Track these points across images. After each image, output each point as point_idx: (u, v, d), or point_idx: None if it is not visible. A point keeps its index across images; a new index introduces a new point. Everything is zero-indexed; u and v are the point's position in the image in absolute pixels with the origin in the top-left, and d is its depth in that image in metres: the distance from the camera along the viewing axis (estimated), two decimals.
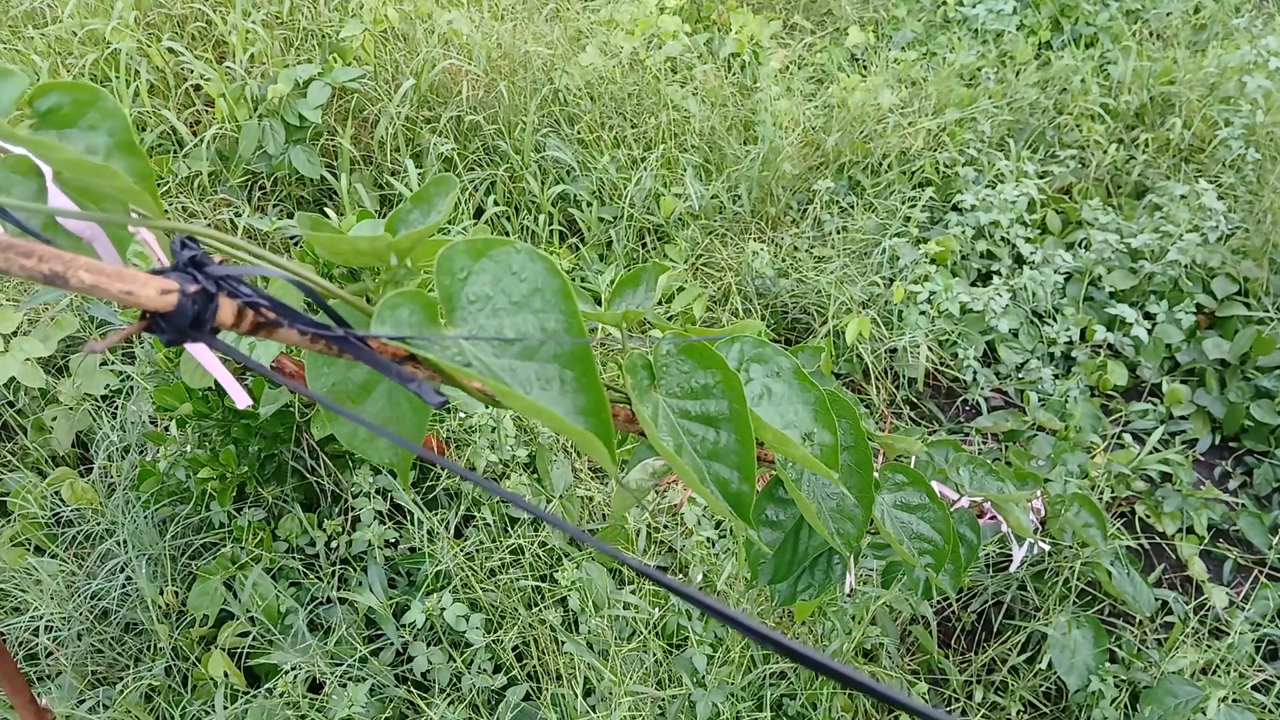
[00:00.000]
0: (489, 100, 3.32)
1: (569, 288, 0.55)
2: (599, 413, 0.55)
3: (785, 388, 0.80)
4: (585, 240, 3.15)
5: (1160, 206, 3.14)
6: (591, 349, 0.55)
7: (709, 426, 0.74)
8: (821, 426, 0.80)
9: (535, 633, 1.95)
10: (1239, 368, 2.76)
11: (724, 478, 0.73)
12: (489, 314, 0.56)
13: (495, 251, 0.56)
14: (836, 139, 3.23)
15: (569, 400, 0.55)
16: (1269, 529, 2.49)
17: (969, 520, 1.41)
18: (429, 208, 0.65)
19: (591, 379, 0.55)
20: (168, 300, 0.45)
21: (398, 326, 0.52)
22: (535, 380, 0.55)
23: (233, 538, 2.09)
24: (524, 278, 0.56)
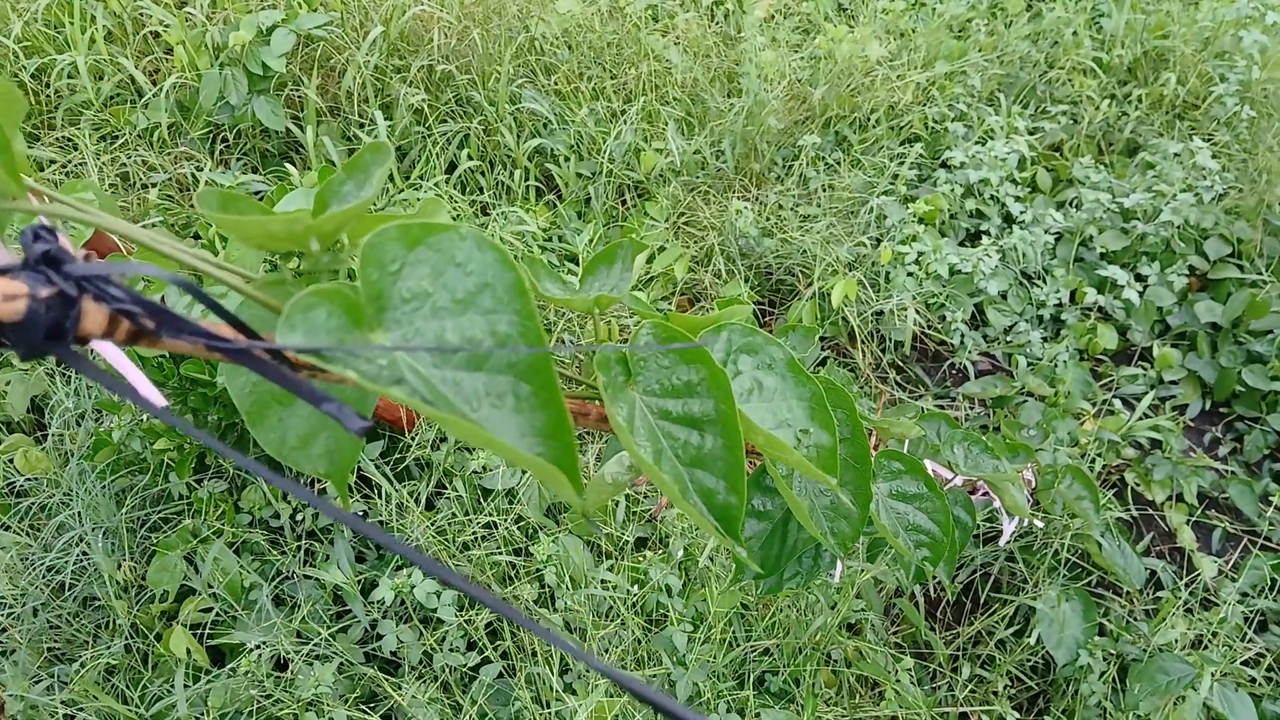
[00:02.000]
0: (462, 49, 3.18)
1: (524, 282, 0.46)
2: (560, 434, 0.46)
3: (778, 381, 0.72)
4: (563, 197, 3.04)
5: (1153, 165, 3.05)
6: (551, 358, 0.46)
7: (692, 429, 0.65)
8: (818, 425, 0.71)
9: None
10: (1231, 331, 2.69)
11: (709, 488, 0.64)
12: (428, 315, 0.46)
13: (435, 238, 0.47)
14: (823, 92, 3.12)
15: (524, 420, 0.46)
16: (1259, 497, 2.44)
17: (963, 501, 1.34)
18: (364, 178, 0.55)
19: (551, 394, 0.46)
20: (14, 308, 0.36)
21: (312, 333, 0.43)
22: (484, 395, 0.46)
23: (193, 510, 2.00)
24: (470, 270, 0.47)
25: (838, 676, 1.99)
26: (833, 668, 1.99)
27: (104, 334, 0.40)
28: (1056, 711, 2.01)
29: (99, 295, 0.39)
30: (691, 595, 1.91)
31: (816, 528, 0.87)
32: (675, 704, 0.34)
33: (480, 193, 3.01)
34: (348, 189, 0.56)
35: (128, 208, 2.70)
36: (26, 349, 0.37)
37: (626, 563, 1.96)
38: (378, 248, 0.46)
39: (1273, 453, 2.53)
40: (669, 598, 1.87)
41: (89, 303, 0.39)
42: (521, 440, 0.46)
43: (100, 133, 2.83)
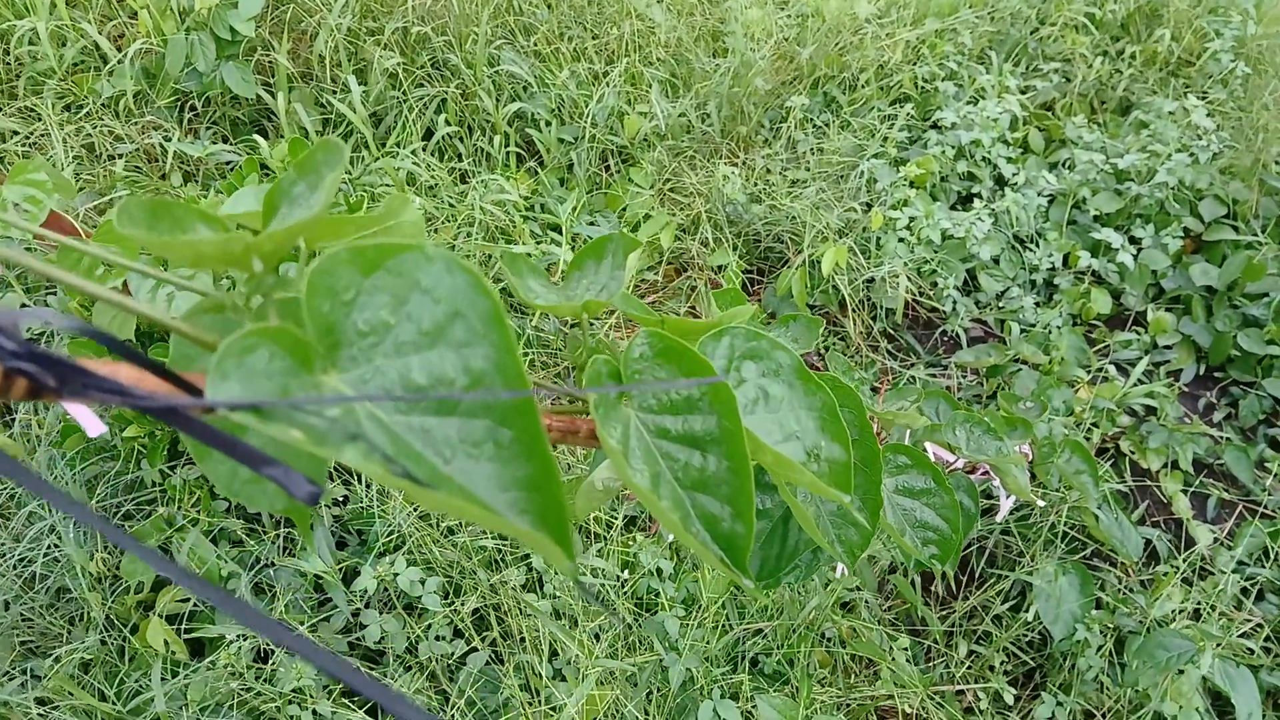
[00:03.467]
0: (438, 9, 3.08)
1: (501, 310, 0.39)
2: (547, 486, 0.39)
3: (785, 390, 0.65)
4: (545, 164, 2.96)
5: (1146, 124, 2.99)
6: (535, 400, 0.39)
7: (694, 449, 0.59)
8: (830, 438, 0.65)
9: (497, 598, 1.83)
10: (1226, 295, 2.64)
11: (713, 514, 0.58)
12: (389, 351, 0.40)
13: (396, 260, 0.40)
14: (811, 52, 3.03)
15: (506, 472, 0.40)
16: (1255, 463, 2.40)
17: (967, 487, 1.29)
18: (316, 179, 0.49)
19: (536, 440, 0.40)
20: None
21: (250, 381, 0.36)
22: (459, 444, 0.40)
23: (167, 498, 1.94)
24: (439, 297, 0.40)
25: (832, 656, 1.95)
26: (827, 647, 1.95)
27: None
28: (1053, 686, 1.97)
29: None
30: (683, 578, 1.86)
31: (823, 536, 0.81)
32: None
33: (459, 160, 2.92)
34: (299, 190, 0.49)
35: (94, 180, 2.60)
36: None
37: (615, 546, 1.91)
38: (328, 274, 0.39)
39: (1268, 418, 2.49)
40: (660, 581, 1.82)
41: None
42: (503, 495, 0.39)
43: (64, 102, 2.73)
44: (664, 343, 0.59)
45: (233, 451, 0.35)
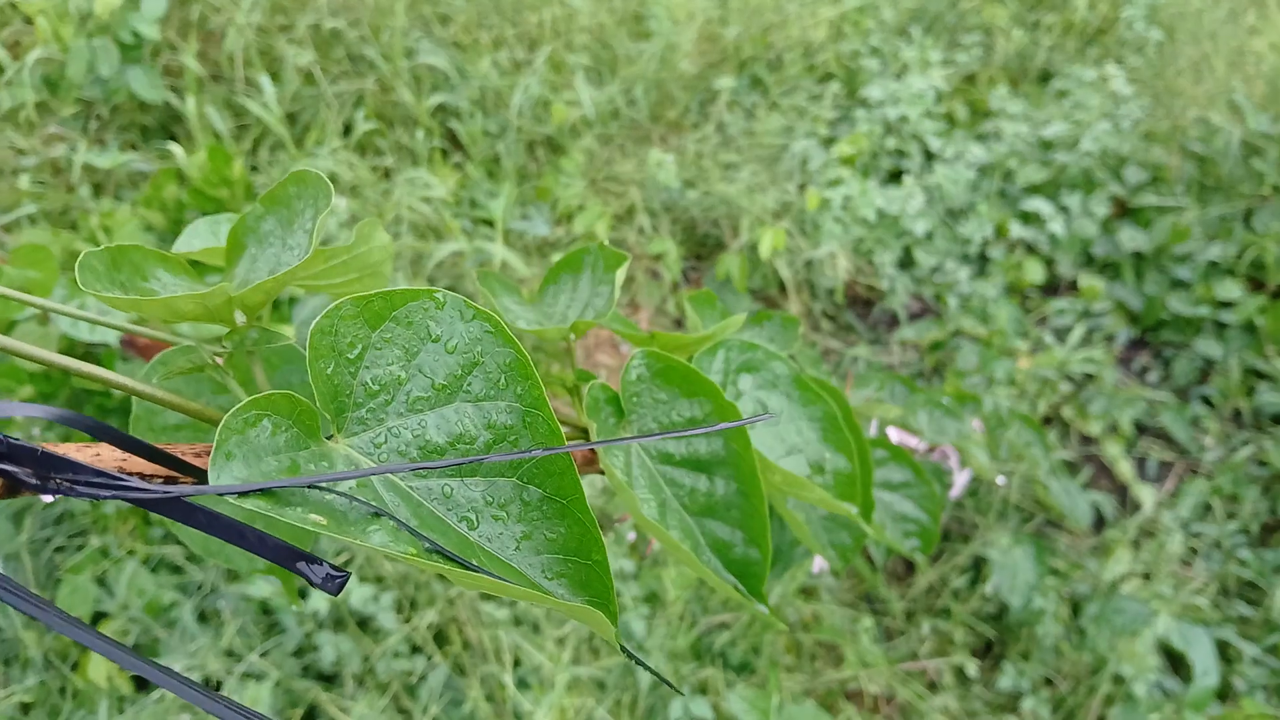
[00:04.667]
0: (350, 2, 2.98)
1: (524, 358, 0.36)
2: (586, 550, 0.36)
3: (784, 401, 0.62)
4: (470, 157, 2.89)
5: (1067, 92, 3.03)
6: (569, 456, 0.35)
7: (699, 473, 0.56)
8: (834, 449, 0.62)
9: (454, 610, 1.78)
10: (1155, 259, 2.69)
11: (723, 540, 0.55)
12: (402, 410, 0.36)
13: (404, 310, 0.36)
14: (737, 33, 3.01)
15: (536, 534, 0.36)
16: (1190, 422, 2.46)
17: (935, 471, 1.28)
18: (289, 215, 0.44)
19: (572, 498, 0.36)
20: None
21: (255, 459, 0.32)
22: (484, 506, 0.36)
23: (100, 527, 1.85)
24: (452, 347, 0.36)
25: (797, 642, 1.95)
26: (791, 634, 1.94)
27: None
28: (1014, 655, 2.00)
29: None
30: (645, 575, 1.84)
31: (815, 541, 0.79)
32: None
33: (379, 156, 2.84)
34: (268, 227, 0.45)
35: None
36: None
37: None
38: (328, 333, 0.35)
39: (1201, 377, 2.55)
40: (623, 583, 1.79)
41: None
42: (534, 559, 0.36)
43: None
44: (662, 363, 0.56)
45: (243, 543, 0.31)
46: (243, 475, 0.31)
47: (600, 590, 0.36)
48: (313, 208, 0.42)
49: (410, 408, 0.36)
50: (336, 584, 0.31)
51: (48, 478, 0.29)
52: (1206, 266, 2.59)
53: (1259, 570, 2.09)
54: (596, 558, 0.36)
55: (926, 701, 1.90)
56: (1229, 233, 2.62)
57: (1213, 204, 2.69)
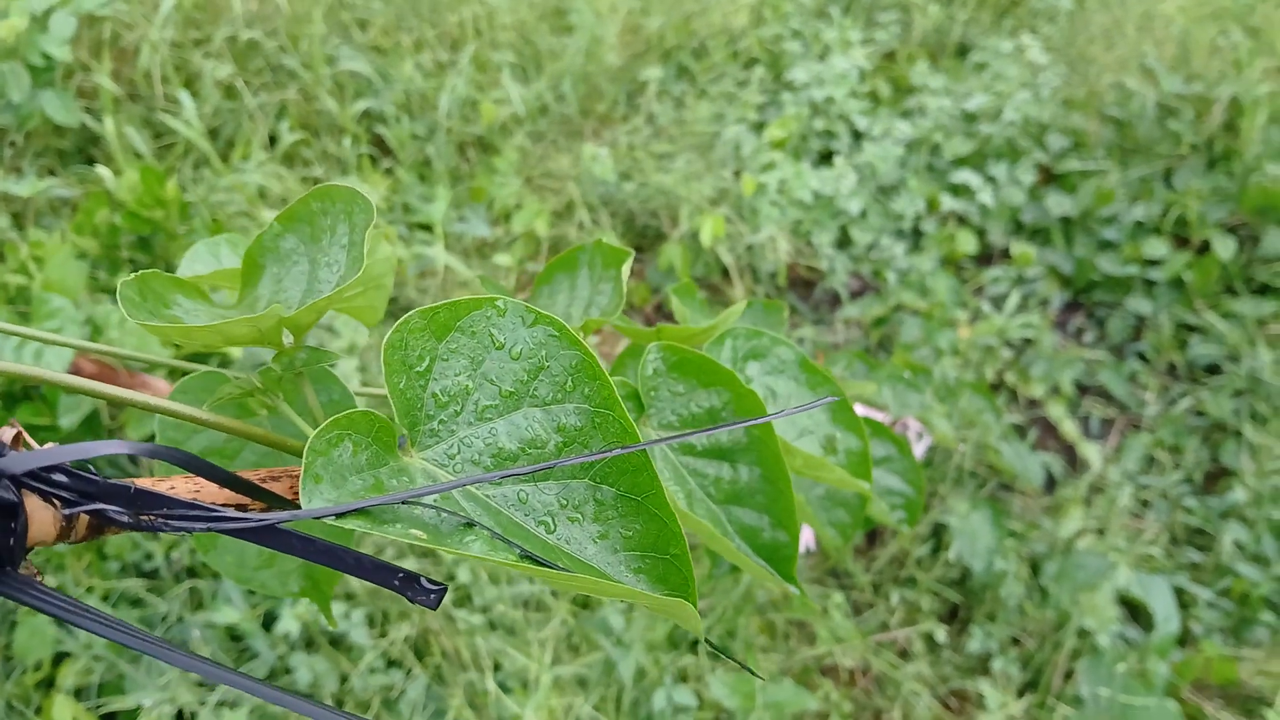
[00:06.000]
0: (266, 12, 2.92)
1: (591, 358, 0.36)
2: (665, 544, 0.36)
3: (792, 385, 0.63)
4: (400, 161, 2.86)
5: (985, 64, 3.09)
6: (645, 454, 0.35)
7: (722, 462, 0.56)
8: (844, 428, 0.63)
9: (428, 621, 1.76)
10: (1083, 222, 2.77)
11: (751, 525, 0.56)
12: (471, 419, 0.36)
13: (467, 319, 0.36)
14: (660, 23, 3.01)
15: (613, 533, 0.36)
16: (1128, 378, 2.53)
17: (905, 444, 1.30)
18: (313, 232, 0.43)
19: (648, 494, 0.36)
20: None
21: (340, 480, 0.31)
22: (559, 509, 0.36)
23: (53, 565, 1.79)
24: (517, 353, 0.36)
25: (770, 623, 1.97)
26: (766, 616, 1.96)
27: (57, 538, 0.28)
28: (981, 618, 2.04)
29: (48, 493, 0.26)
30: None
31: (815, 520, 0.80)
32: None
33: (308, 166, 2.79)
34: (289, 245, 0.44)
35: None
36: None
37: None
38: (399, 347, 0.34)
39: (1134, 335, 2.62)
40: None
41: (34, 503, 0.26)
42: (613, 557, 0.36)
43: None
44: (677, 355, 0.56)
45: (339, 564, 0.31)
46: (332, 497, 0.31)
47: (680, 583, 0.36)
48: (346, 222, 0.41)
49: (479, 417, 0.36)
50: (435, 597, 0.31)
51: (140, 514, 0.28)
52: (1132, 227, 2.67)
53: (1205, 517, 2.17)
54: (675, 551, 0.36)
55: (900, 670, 1.94)
56: (1151, 193, 2.70)
57: (1134, 166, 2.77)
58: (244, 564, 0.48)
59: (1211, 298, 2.54)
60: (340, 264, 0.40)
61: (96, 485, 0.28)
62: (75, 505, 0.27)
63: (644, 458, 0.35)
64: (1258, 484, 2.16)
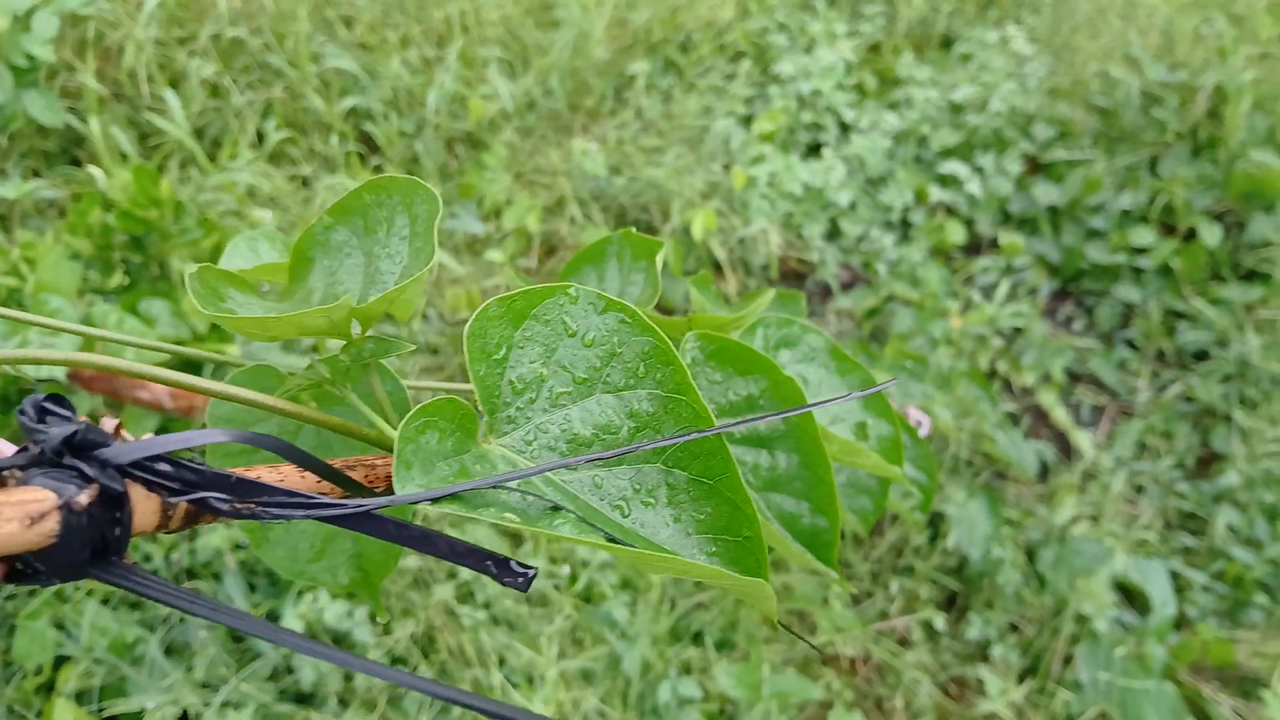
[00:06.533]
0: (250, 9, 2.91)
1: (664, 345, 0.36)
2: (737, 527, 0.36)
3: (823, 372, 0.64)
4: (388, 158, 2.85)
5: (970, 55, 3.11)
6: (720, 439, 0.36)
7: (760, 449, 0.56)
8: (875, 414, 0.64)
9: (431, 619, 1.76)
10: (1070, 211, 2.79)
11: (790, 512, 0.56)
12: (545, 406, 0.36)
13: (541, 307, 0.36)
14: (647, 16, 3.01)
15: (686, 515, 0.36)
16: (1117, 365, 2.55)
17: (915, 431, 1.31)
18: (367, 224, 0.43)
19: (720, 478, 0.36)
20: (43, 531, 0.24)
21: (429, 467, 0.32)
22: (633, 494, 0.36)
23: None
24: (590, 340, 0.36)
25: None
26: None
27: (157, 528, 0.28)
28: (979, 605, 2.06)
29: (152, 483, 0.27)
30: (623, 564, 1.84)
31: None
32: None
33: (296, 164, 2.78)
34: (340, 238, 0.44)
35: None
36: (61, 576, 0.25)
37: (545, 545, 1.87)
38: (479, 335, 0.35)
39: (1123, 322, 2.65)
40: (600, 573, 1.79)
41: (137, 492, 0.27)
42: (686, 542, 0.36)
43: None
44: (715, 344, 0.56)
45: (432, 549, 0.31)
46: (422, 482, 0.31)
47: (753, 566, 0.36)
48: (405, 214, 0.41)
49: (554, 403, 0.36)
50: (525, 580, 0.31)
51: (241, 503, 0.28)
52: (1119, 215, 2.69)
53: (1198, 501, 2.19)
54: (748, 533, 0.36)
55: (901, 659, 1.95)
56: (1137, 181, 2.72)
57: (1119, 154, 2.80)
58: (296, 558, 0.48)
59: (1199, 284, 2.56)
60: (403, 255, 0.40)
61: (200, 474, 0.28)
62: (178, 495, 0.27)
63: (718, 441, 0.36)
64: (1249, 468, 2.18)
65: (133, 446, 0.26)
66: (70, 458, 0.25)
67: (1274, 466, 2.16)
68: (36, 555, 0.24)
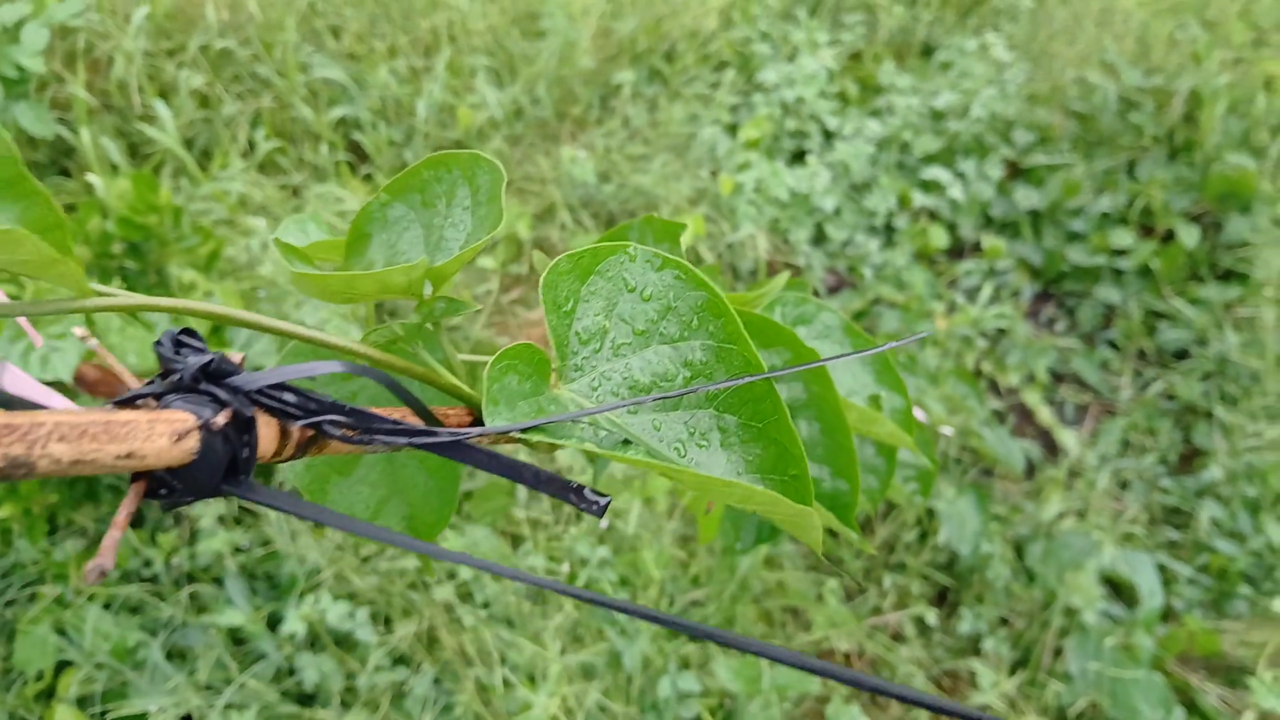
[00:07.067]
0: (238, 20, 2.93)
1: (718, 299, 0.39)
2: (783, 466, 0.39)
3: (837, 348, 0.67)
4: (378, 166, 2.87)
5: (950, 64, 3.16)
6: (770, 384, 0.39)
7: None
8: (889, 388, 0.67)
9: (431, 619, 1.78)
10: (1050, 215, 2.84)
11: (813, 476, 0.59)
12: (608, 355, 0.39)
13: (604, 264, 0.39)
14: (632, 26, 3.05)
15: (736, 456, 0.39)
16: (1099, 365, 2.60)
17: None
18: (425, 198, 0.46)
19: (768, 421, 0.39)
20: (185, 448, 0.26)
21: (511, 404, 0.34)
22: (688, 437, 0.39)
23: (53, 575, 1.79)
24: (648, 295, 0.39)
25: (767, 611, 2.00)
26: (761, 604, 2.00)
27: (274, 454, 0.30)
28: (970, 600, 2.09)
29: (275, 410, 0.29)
30: (621, 561, 1.87)
31: None
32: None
33: (285, 174, 2.80)
34: (397, 213, 0.47)
35: None
36: (198, 494, 0.27)
37: (544, 542, 1.89)
38: (551, 287, 0.37)
39: (1104, 322, 2.70)
40: (599, 570, 1.82)
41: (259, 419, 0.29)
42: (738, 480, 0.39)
43: None
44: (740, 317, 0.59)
45: (518, 476, 0.33)
46: (508, 417, 0.33)
47: (801, 501, 0.39)
48: (466, 185, 0.43)
49: (616, 353, 0.38)
50: (601, 507, 0.34)
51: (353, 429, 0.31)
52: (1099, 218, 2.75)
53: (1181, 496, 2.24)
54: (794, 472, 0.39)
55: (894, 653, 1.98)
56: (1115, 184, 2.78)
57: (1098, 158, 2.85)
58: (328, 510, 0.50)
59: (1178, 284, 2.62)
60: (466, 224, 0.42)
61: (319, 403, 0.30)
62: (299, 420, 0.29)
63: (767, 386, 0.38)
64: (1231, 462, 2.23)
65: (261, 375, 0.28)
66: (206, 384, 0.28)
67: (1255, 460, 2.21)
68: (175, 474, 0.27)
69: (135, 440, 0.25)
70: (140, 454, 0.25)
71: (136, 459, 0.25)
